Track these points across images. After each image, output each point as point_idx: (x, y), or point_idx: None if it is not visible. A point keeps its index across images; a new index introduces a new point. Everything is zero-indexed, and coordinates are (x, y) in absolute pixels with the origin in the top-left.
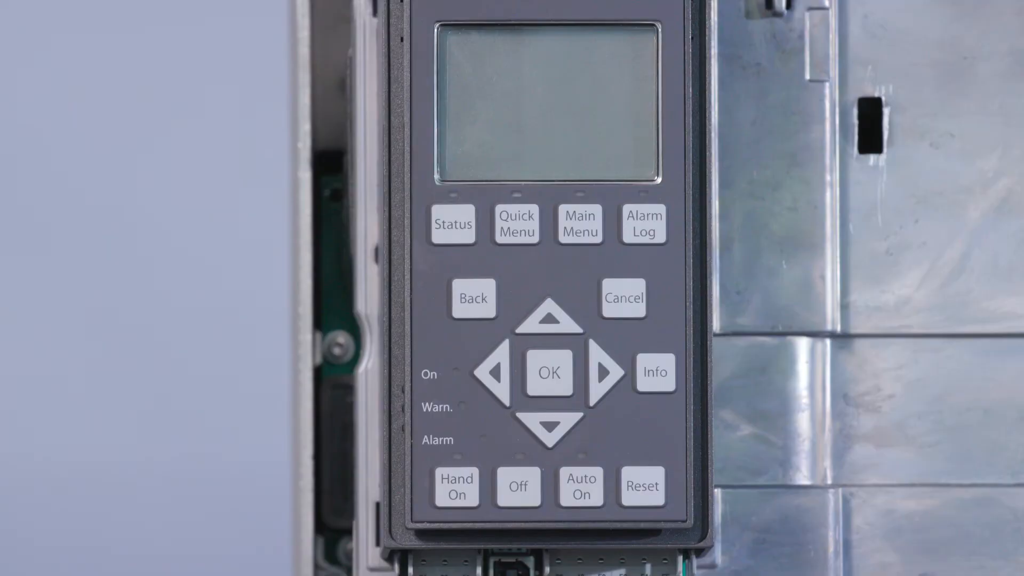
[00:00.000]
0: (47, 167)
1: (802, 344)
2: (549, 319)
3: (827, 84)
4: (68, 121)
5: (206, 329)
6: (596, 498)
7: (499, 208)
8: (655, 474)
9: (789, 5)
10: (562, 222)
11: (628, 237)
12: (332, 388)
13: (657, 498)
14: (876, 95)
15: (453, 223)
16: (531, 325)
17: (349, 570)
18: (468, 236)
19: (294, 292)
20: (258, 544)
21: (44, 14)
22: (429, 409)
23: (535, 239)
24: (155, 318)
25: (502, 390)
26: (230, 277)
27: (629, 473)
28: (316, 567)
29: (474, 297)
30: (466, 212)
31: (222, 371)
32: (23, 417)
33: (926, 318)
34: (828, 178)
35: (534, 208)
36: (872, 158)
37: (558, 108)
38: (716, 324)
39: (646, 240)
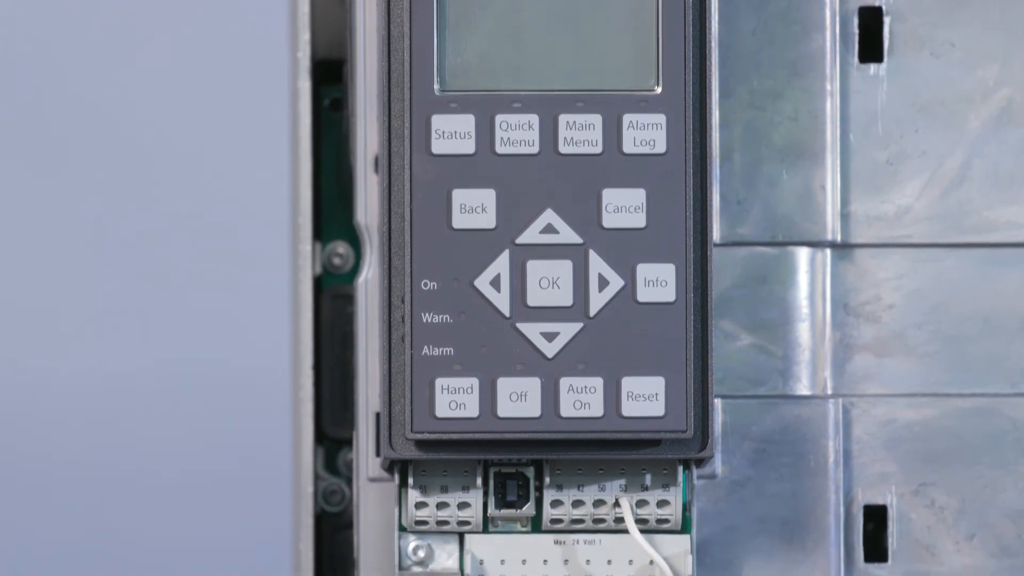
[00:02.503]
0: (46, 77)
1: (802, 254)
2: (549, 229)
3: None
4: (67, 29)
5: (207, 240)
6: (596, 409)
7: (499, 118)
8: (655, 384)
9: None
10: (562, 132)
11: (628, 147)
12: (332, 298)
13: (657, 408)
14: (876, 4)
15: (453, 133)
16: (531, 235)
17: (349, 480)
18: (468, 146)
19: (294, 202)
20: (258, 454)
21: None
22: (429, 320)
23: (535, 149)
24: (156, 228)
25: (502, 300)
26: (230, 187)
27: (629, 383)
28: (316, 477)
29: (474, 207)
30: (466, 122)
31: (222, 281)
32: (24, 327)
33: (926, 228)
34: (828, 87)
35: (534, 118)
36: (872, 67)
37: (558, 17)
38: (716, 234)
39: (646, 150)
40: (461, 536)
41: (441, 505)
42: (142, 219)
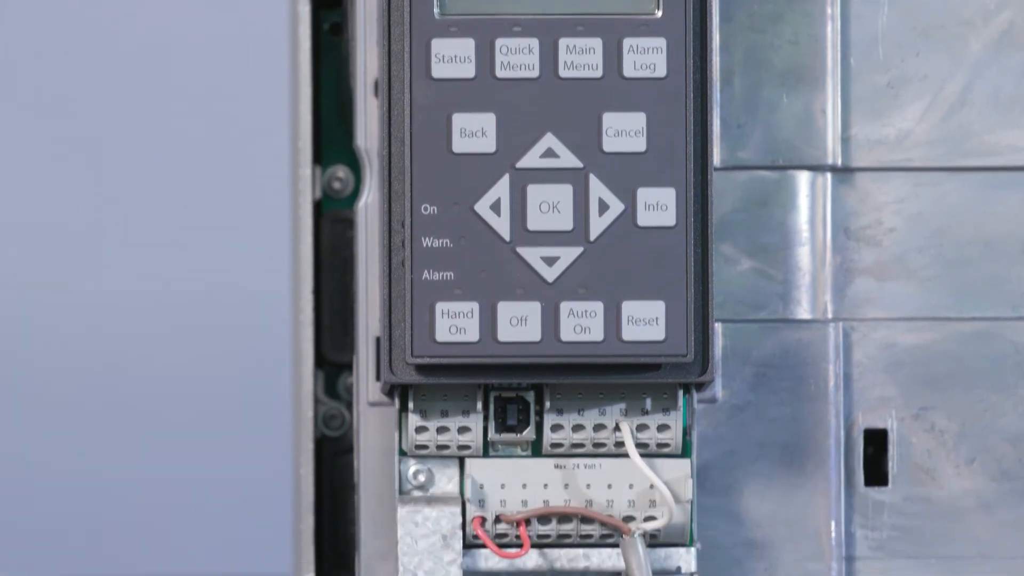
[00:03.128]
0: None
1: (803, 178)
2: (549, 154)
3: None
4: None
5: (207, 165)
6: (596, 333)
7: (499, 42)
8: (655, 309)
9: None
10: (562, 56)
11: (628, 71)
12: (332, 222)
13: (657, 332)
14: None
15: (453, 57)
16: (531, 160)
17: (349, 404)
18: (468, 70)
19: (294, 126)
20: (259, 378)
21: None
22: (429, 244)
23: (535, 73)
24: (157, 153)
25: (502, 225)
26: (230, 111)
27: (629, 308)
28: (316, 401)
29: (474, 132)
30: (466, 46)
31: (222, 206)
32: (22, 250)
33: (927, 151)
34: (829, 11)
35: (534, 42)
36: None
37: None
38: (716, 158)
39: (646, 74)
40: (461, 460)
41: (441, 429)
42: (143, 143)
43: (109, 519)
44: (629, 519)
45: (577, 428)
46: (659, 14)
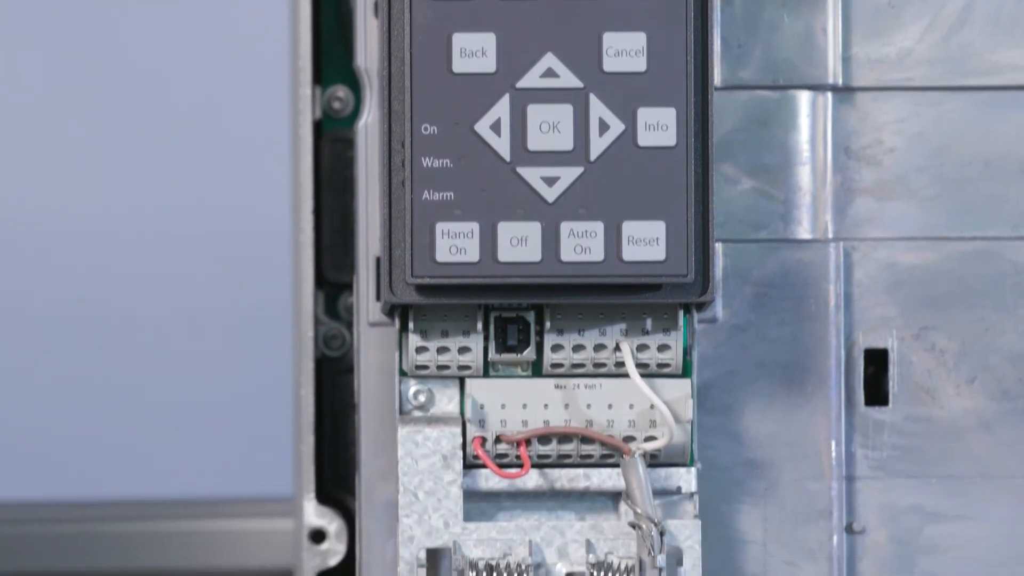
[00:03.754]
0: None
1: (803, 97)
2: (549, 73)
3: None
4: None
5: (208, 84)
6: (596, 253)
7: None
8: (656, 229)
9: None
10: None
11: None
12: (332, 142)
13: (658, 253)
14: None
15: None
16: (531, 79)
17: (349, 325)
18: None
19: (294, 46)
20: (259, 298)
21: None
22: (429, 164)
23: None
24: (158, 73)
25: (502, 145)
26: (231, 31)
27: (630, 228)
28: (316, 321)
29: (474, 51)
30: None
31: (222, 126)
32: (25, 168)
33: (928, 71)
34: None
35: None
36: None
37: None
38: (717, 78)
39: None
40: (462, 380)
41: (442, 350)
42: (144, 63)
43: (108, 440)
44: (629, 439)
45: (577, 348)
46: None
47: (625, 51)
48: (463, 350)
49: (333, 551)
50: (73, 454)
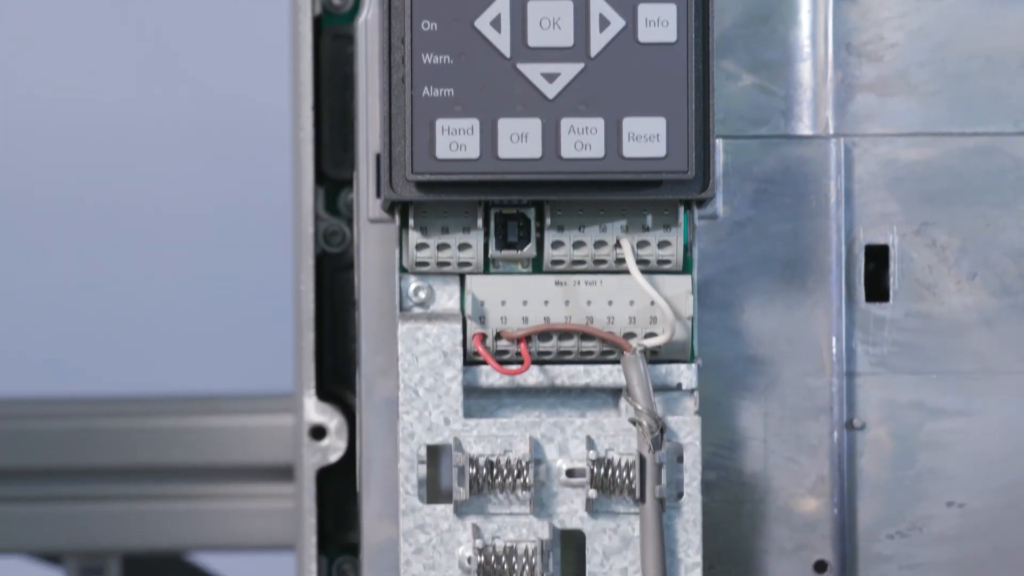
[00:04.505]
0: None
1: None
2: None
3: None
4: None
5: None
6: (597, 149)
7: None
8: (656, 125)
9: None
10: None
11: None
12: (332, 39)
13: (658, 149)
14: None
15: None
16: None
17: (350, 221)
18: None
19: None
20: (259, 195)
21: None
22: (429, 61)
23: None
24: None
25: (502, 41)
26: None
27: (630, 124)
28: (317, 218)
29: None
30: None
31: (222, 21)
32: (26, 60)
33: None
34: None
35: None
36: None
37: None
38: None
39: None
40: (462, 277)
41: (442, 246)
42: None
43: (108, 336)
44: (630, 336)
45: (578, 245)
46: None
47: None
48: (463, 247)
49: (333, 447)
50: (73, 350)
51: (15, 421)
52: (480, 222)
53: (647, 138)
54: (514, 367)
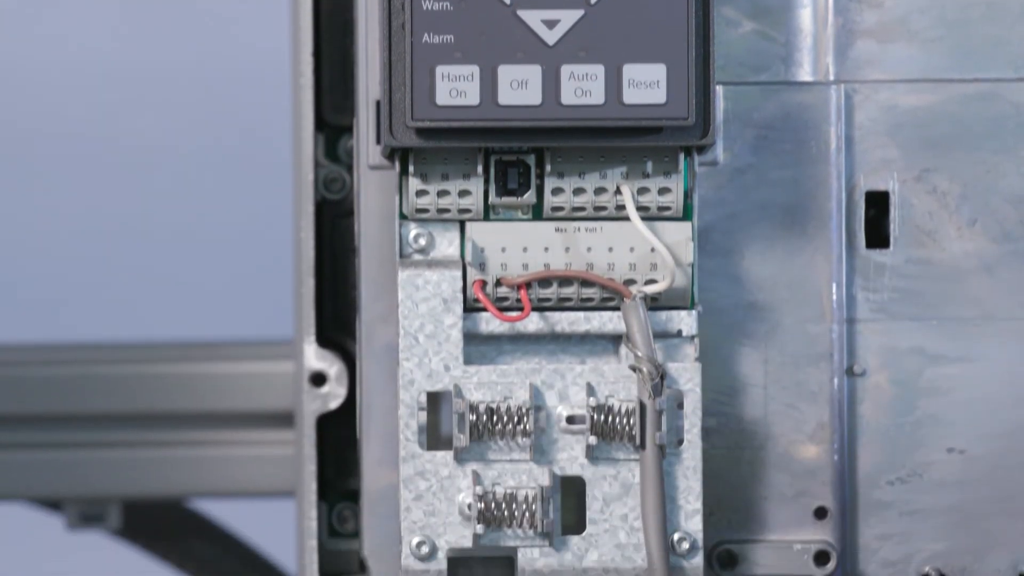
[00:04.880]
0: None
1: None
2: None
3: None
4: None
5: None
6: (597, 96)
7: None
8: (656, 72)
9: None
10: None
11: None
12: None
13: (658, 96)
14: None
15: None
16: None
17: (349, 167)
18: None
19: None
20: (259, 141)
21: None
22: (429, 7)
23: None
24: None
25: None
26: None
27: (630, 71)
28: (317, 164)
29: None
30: None
31: None
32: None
33: None
34: None
35: None
36: None
37: None
38: None
39: None
40: (462, 224)
41: (442, 193)
42: None
43: (108, 282)
44: (630, 282)
45: (578, 191)
46: None
47: None
48: (463, 193)
49: (333, 394)
50: (72, 296)
51: (15, 367)
52: (480, 169)
53: (647, 85)
54: (514, 314)
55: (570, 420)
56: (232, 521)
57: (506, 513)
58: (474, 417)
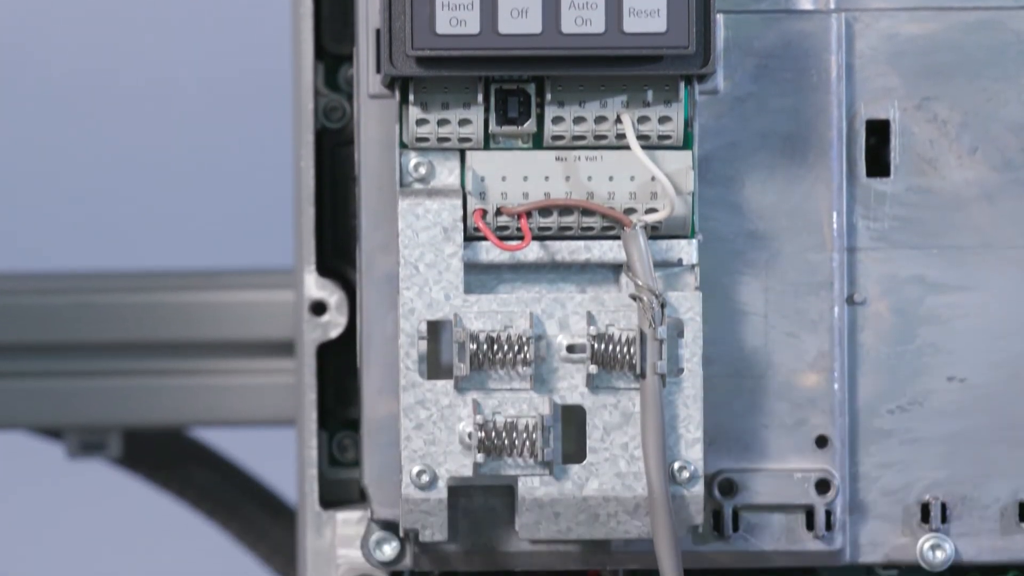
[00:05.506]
0: None
1: None
2: None
3: None
4: None
5: None
6: (597, 25)
7: None
8: (657, 0)
9: None
10: None
11: None
12: None
13: (659, 24)
14: None
15: None
16: None
17: (350, 96)
18: None
19: None
20: (259, 70)
21: None
22: None
23: None
24: None
25: None
26: None
27: None
28: (317, 93)
29: None
30: None
31: None
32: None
33: None
34: None
35: None
36: None
37: None
38: None
39: None
40: (462, 153)
41: (442, 122)
42: None
43: (108, 211)
44: (630, 211)
45: (578, 120)
46: None
47: None
48: (464, 122)
49: (334, 323)
50: (73, 225)
51: (14, 296)
52: (480, 97)
53: (648, 13)
54: (514, 243)
55: (570, 349)
56: (232, 450)
57: (506, 442)
58: (474, 346)
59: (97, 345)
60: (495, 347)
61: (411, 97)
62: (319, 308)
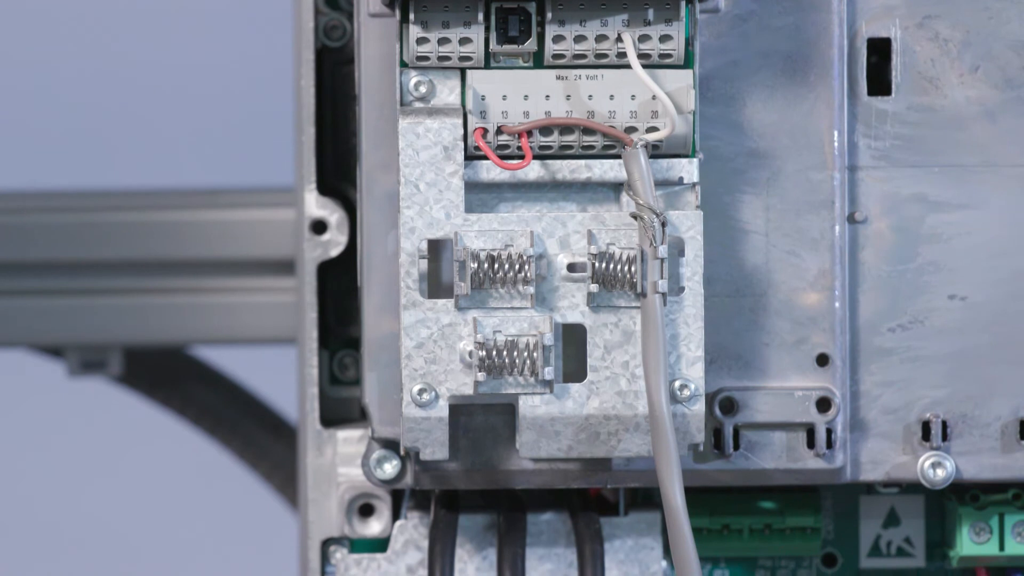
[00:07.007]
0: None
1: None
2: None
3: None
4: None
5: None
6: None
7: None
8: None
9: None
10: None
11: None
12: None
13: None
14: None
15: None
16: None
17: (350, 15)
18: None
19: None
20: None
21: None
22: None
23: None
24: None
25: None
26: None
27: None
28: (317, 11)
29: None
30: None
31: None
32: None
33: None
34: None
35: None
36: None
37: None
38: None
39: None
40: (463, 72)
41: (443, 40)
42: None
43: (110, 129)
44: (631, 130)
45: (579, 39)
46: None
47: None
48: (464, 41)
49: (334, 242)
50: (73, 143)
51: (15, 214)
52: (481, 16)
53: None
54: (515, 161)
55: (571, 268)
56: (233, 368)
57: (507, 360)
58: (475, 265)
59: (98, 263)
60: (496, 266)
61: (411, 16)
62: (320, 227)
